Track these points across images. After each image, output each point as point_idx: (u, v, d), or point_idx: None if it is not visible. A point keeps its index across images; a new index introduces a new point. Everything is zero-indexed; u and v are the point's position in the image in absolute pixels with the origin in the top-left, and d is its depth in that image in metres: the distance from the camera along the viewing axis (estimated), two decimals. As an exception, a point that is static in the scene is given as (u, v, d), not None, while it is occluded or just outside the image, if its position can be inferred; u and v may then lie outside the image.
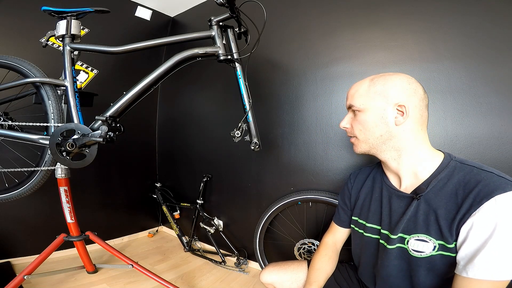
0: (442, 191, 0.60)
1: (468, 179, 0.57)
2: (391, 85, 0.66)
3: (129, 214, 2.07)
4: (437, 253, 0.59)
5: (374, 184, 0.79)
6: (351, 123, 0.73)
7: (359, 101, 0.69)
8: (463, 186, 0.57)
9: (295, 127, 1.46)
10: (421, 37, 1.10)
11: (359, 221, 0.80)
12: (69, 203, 1.24)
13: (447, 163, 0.63)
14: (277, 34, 1.53)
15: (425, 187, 0.62)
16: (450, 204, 0.58)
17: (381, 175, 0.77)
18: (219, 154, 1.81)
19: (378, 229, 0.72)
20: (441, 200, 0.59)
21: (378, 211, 0.74)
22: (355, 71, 1.26)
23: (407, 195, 0.66)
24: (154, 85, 1.04)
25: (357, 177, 0.86)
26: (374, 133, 0.67)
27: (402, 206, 0.67)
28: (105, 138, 0.98)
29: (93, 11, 1.16)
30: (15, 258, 1.48)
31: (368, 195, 0.79)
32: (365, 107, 0.68)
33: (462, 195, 0.56)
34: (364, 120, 0.68)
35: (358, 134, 0.71)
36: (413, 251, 0.63)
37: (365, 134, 0.69)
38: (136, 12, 1.98)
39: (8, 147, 1.18)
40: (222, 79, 1.79)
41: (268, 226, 1.45)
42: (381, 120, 0.66)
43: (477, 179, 0.56)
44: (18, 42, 1.48)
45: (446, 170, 0.62)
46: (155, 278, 1.21)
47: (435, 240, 0.59)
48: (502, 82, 0.94)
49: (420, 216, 0.62)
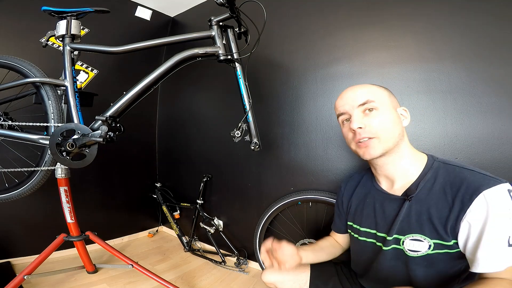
0: (431, 191, 0.62)
1: (453, 178, 0.60)
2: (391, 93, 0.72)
3: (129, 214, 2.07)
4: (433, 252, 0.60)
5: (365, 190, 0.80)
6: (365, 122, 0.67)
7: (377, 97, 0.68)
8: (450, 185, 0.60)
9: (295, 127, 1.46)
10: (421, 37, 1.10)
11: (353, 226, 0.81)
12: (69, 203, 1.24)
13: (431, 164, 0.65)
14: (277, 34, 1.53)
15: (414, 188, 0.64)
16: (441, 203, 0.60)
17: (371, 180, 0.78)
18: (219, 154, 1.81)
19: (373, 232, 0.73)
20: (432, 199, 0.61)
21: (371, 215, 0.74)
22: (355, 71, 1.26)
23: (398, 197, 0.68)
24: (154, 85, 1.04)
25: (347, 184, 0.88)
26: (395, 131, 0.66)
27: (395, 209, 0.68)
28: (105, 138, 0.98)
29: (93, 11, 1.16)
30: (15, 258, 1.48)
31: (361, 201, 0.80)
32: (383, 104, 0.67)
33: (450, 193, 0.59)
34: (383, 118, 0.66)
35: (380, 133, 0.65)
36: (409, 251, 0.64)
37: (385, 133, 0.65)
38: (136, 12, 1.98)
39: (8, 147, 1.18)
40: (222, 79, 1.79)
41: (268, 226, 1.45)
42: (398, 119, 0.68)
43: (461, 177, 0.59)
44: (18, 42, 1.48)
45: (432, 170, 0.64)
46: (155, 278, 1.21)
47: (430, 239, 0.60)
48: (502, 82, 0.94)
49: (413, 217, 0.63)
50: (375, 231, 0.73)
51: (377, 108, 0.66)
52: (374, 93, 0.68)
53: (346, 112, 0.71)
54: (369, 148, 0.66)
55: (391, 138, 0.66)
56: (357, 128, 0.67)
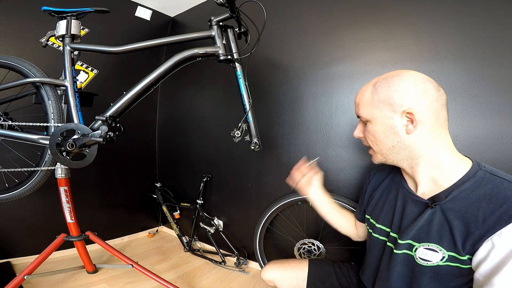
0: (464, 202, 0.55)
1: (496, 193, 0.52)
2: (395, 90, 0.60)
3: (129, 214, 2.07)
4: (444, 264, 0.57)
5: (391, 184, 0.76)
6: (363, 132, 0.69)
7: (365, 111, 0.65)
8: (488, 200, 0.52)
9: (295, 127, 1.46)
10: (421, 37, 1.10)
11: (370, 220, 0.78)
12: (69, 203, 1.24)
13: (474, 173, 0.57)
14: (277, 34, 1.53)
15: (444, 196, 0.58)
16: (469, 216, 0.54)
17: (400, 177, 0.73)
18: (219, 154, 1.81)
19: (387, 231, 0.71)
20: (460, 211, 0.55)
21: (390, 213, 0.71)
22: (355, 71, 1.26)
23: (423, 201, 0.63)
24: (154, 85, 1.04)
25: (375, 175, 0.84)
26: (386, 144, 0.63)
27: (415, 212, 0.64)
28: (105, 138, 0.98)
29: (93, 11, 1.16)
30: (15, 258, 1.48)
31: (384, 195, 0.76)
32: (372, 117, 0.64)
33: (485, 209, 0.52)
34: (373, 131, 0.64)
35: (372, 145, 0.67)
36: (419, 259, 0.61)
37: (378, 145, 0.65)
38: (136, 12, 1.98)
39: (8, 147, 1.18)
40: (222, 79, 1.79)
41: (268, 226, 1.45)
42: (390, 131, 0.62)
43: (507, 195, 0.51)
44: (18, 42, 1.48)
45: (472, 180, 0.56)
46: (155, 278, 1.21)
47: (446, 251, 0.57)
48: (502, 82, 0.94)
49: (435, 226, 0.59)
50: (389, 230, 0.70)
51: (368, 121, 0.65)
52: (367, 106, 0.65)
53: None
54: (372, 156, 0.70)
55: (382, 150, 0.65)
56: (356, 137, 0.71)
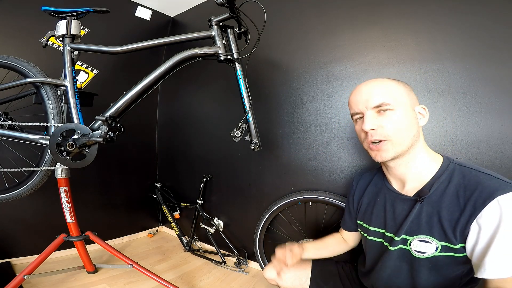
0: (444, 193, 0.61)
1: (468, 181, 0.58)
2: (410, 88, 0.69)
3: (129, 214, 2.07)
4: (439, 254, 0.60)
5: (376, 189, 0.79)
6: (378, 123, 0.65)
7: (391, 98, 0.64)
8: (464, 188, 0.58)
9: (295, 127, 1.46)
10: (421, 37, 1.10)
11: (363, 225, 0.81)
12: (69, 203, 1.24)
13: (447, 166, 0.64)
14: (277, 34, 1.53)
15: (428, 190, 0.63)
16: (452, 206, 0.58)
17: (383, 180, 0.77)
18: (219, 154, 1.81)
19: (382, 232, 0.73)
20: (444, 202, 0.60)
21: (381, 215, 0.74)
22: (355, 71, 1.26)
23: (410, 198, 0.67)
24: (154, 85, 1.04)
25: (358, 183, 0.87)
26: (410, 133, 0.64)
27: (405, 209, 0.67)
28: (105, 138, 0.98)
29: (93, 11, 1.16)
30: (15, 258, 1.48)
31: (372, 200, 0.79)
32: (399, 105, 0.64)
33: (463, 196, 0.57)
34: (399, 119, 0.63)
35: (393, 136, 0.63)
36: (415, 251, 0.63)
37: (401, 134, 0.63)
38: (136, 12, 1.98)
39: (8, 147, 1.18)
40: (222, 79, 1.79)
41: (268, 226, 1.45)
42: (414, 120, 0.65)
43: (477, 181, 0.57)
44: (18, 42, 1.48)
45: (446, 172, 0.63)
46: (155, 278, 1.21)
47: (438, 241, 0.60)
48: (502, 82, 0.94)
49: (423, 218, 0.62)
50: (383, 231, 0.72)
51: (392, 109, 0.63)
52: (391, 94, 0.64)
53: (359, 112, 0.68)
54: (381, 151, 0.65)
55: (404, 141, 0.63)
56: (369, 130, 0.65)
